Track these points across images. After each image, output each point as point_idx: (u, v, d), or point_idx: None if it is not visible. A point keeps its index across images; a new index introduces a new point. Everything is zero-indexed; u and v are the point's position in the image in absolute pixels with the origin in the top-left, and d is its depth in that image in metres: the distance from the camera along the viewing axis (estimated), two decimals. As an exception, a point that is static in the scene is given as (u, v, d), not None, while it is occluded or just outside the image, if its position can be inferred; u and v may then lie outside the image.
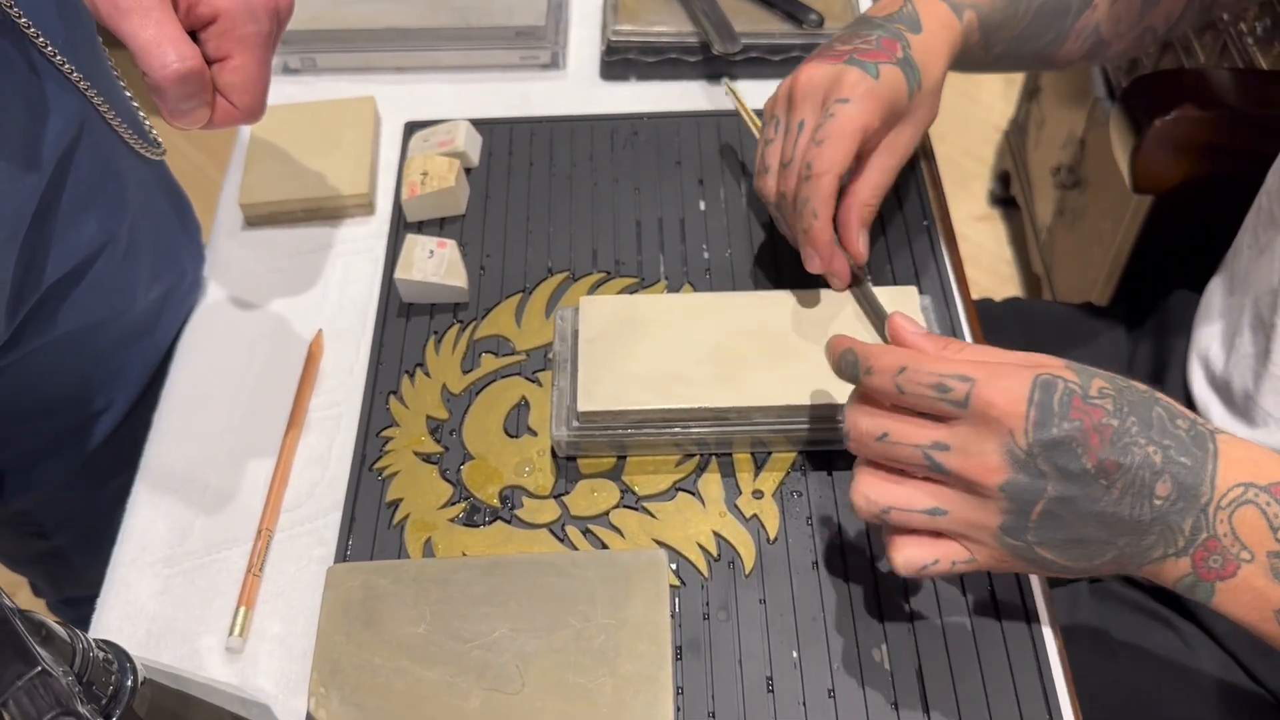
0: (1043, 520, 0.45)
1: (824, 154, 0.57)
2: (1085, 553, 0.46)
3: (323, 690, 0.51)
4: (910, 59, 0.60)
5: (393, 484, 0.60)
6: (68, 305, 0.60)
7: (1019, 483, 0.44)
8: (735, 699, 0.52)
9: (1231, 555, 0.44)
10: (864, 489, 0.48)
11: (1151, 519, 0.44)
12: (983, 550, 0.47)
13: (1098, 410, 0.44)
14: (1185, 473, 0.44)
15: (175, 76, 0.45)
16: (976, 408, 0.44)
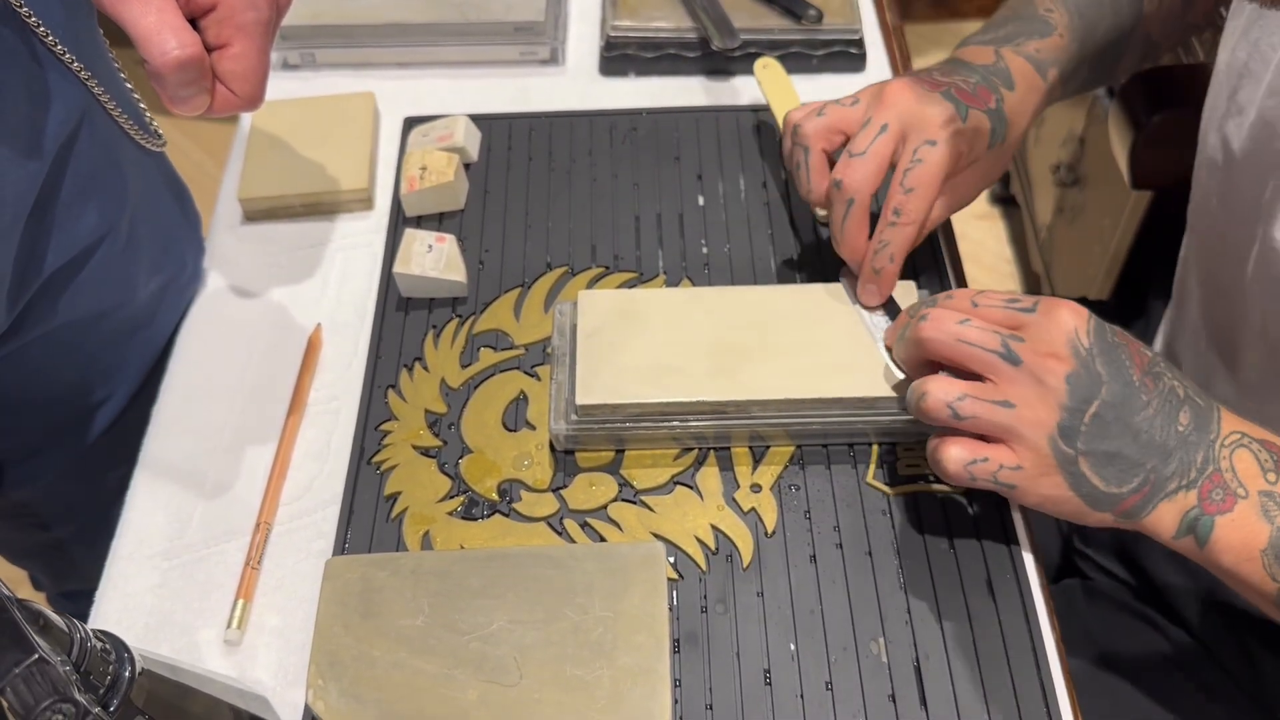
0: (1093, 424, 0.49)
1: (912, 204, 0.58)
2: (1119, 471, 0.49)
3: (321, 682, 0.51)
4: (1002, 112, 0.60)
5: (391, 477, 0.60)
6: (68, 295, 0.60)
7: (1081, 376, 0.49)
8: (733, 692, 0.53)
9: (1231, 490, 0.49)
10: (938, 384, 0.51)
11: (1175, 446, 0.49)
12: (1031, 456, 0.50)
13: (1138, 343, 0.51)
14: (1200, 409, 0.50)
15: (175, 63, 0.45)
16: (1044, 310, 0.50)
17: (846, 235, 0.60)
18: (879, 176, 0.58)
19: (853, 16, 0.80)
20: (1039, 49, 0.64)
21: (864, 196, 0.58)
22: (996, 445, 0.51)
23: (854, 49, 0.80)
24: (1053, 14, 0.65)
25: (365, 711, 0.50)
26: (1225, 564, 0.49)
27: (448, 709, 0.50)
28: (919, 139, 0.57)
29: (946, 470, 0.51)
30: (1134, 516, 0.50)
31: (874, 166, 0.58)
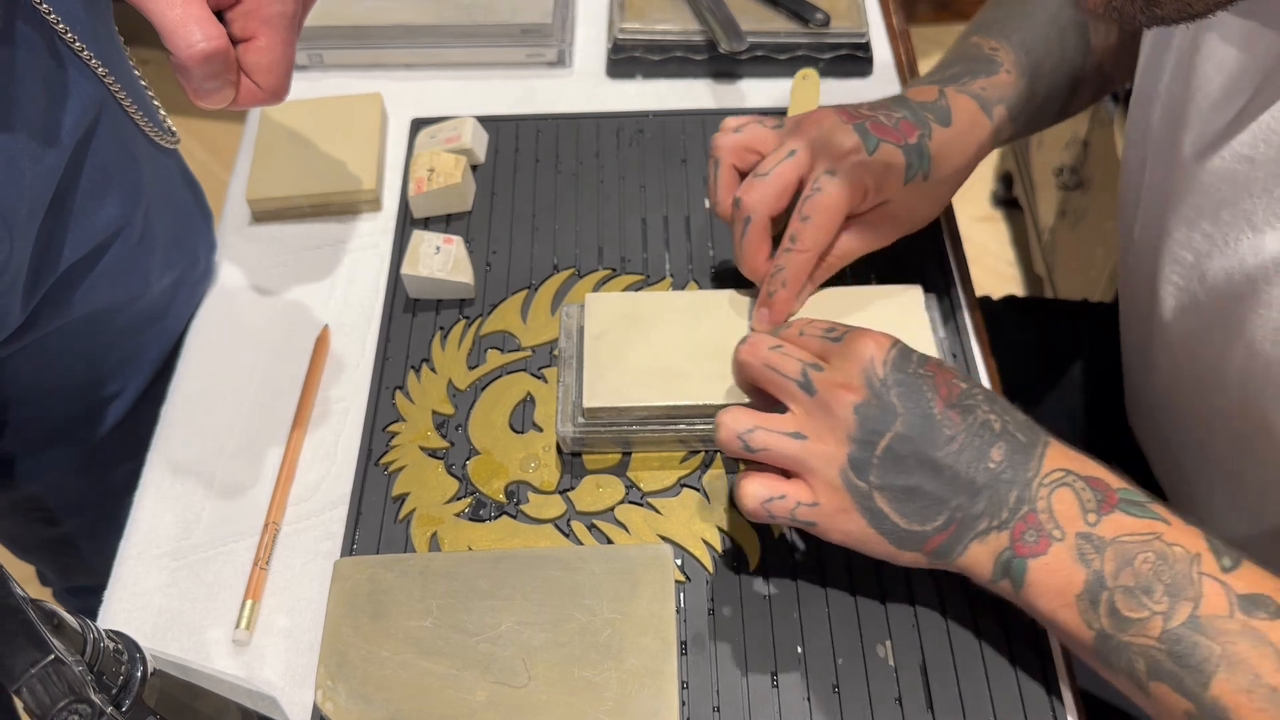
0: (885, 458, 0.48)
1: (807, 232, 0.58)
2: (920, 510, 0.48)
3: (330, 683, 0.51)
4: (923, 148, 0.59)
5: (399, 478, 0.61)
6: (83, 289, 0.60)
7: (871, 407, 0.48)
8: (740, 694, 0.53)
9: (1046, 531, 0.47)
10: (732, 416, 0.51)
11: (984, 483, 0.47)
12: (827, 492, 0.49)
13: (950, 373, 0.50)
14: (1018, 446, 0.48)
15: (201, 56, 0.45)
16: (847, 342, 0.50)
17: (743, 254, 0.60)
18: (779, 200, 0.58)
19: (859, 20, 0.81)
20: (984, 87, 0.63)
21: (760, 217, 0.58)
22: (796, 481, 0.50)
23: (861, 52, 0.81)
24: (998, 53, 0.64)
25: (374, 712, 0.50)
26: (1041, 609, 0.47)
27: (456, 710, 0.50)
28: (821, 168, 0.58)
29: (744, 508, 0.50)
30: (946, 557, 0.49)
31: (774, 189, 0.58)
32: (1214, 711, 0.43)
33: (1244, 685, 0.42)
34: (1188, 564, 0.45)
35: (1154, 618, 0.44)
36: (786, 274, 0.59)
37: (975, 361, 0.65)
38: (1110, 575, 0.45)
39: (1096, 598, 0.46)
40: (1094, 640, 0.46)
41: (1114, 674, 0.46)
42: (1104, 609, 0.45)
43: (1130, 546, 0.46)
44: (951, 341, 0.65)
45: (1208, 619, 0.44)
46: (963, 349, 0.65)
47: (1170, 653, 0.44)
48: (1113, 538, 0.46)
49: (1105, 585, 0.45)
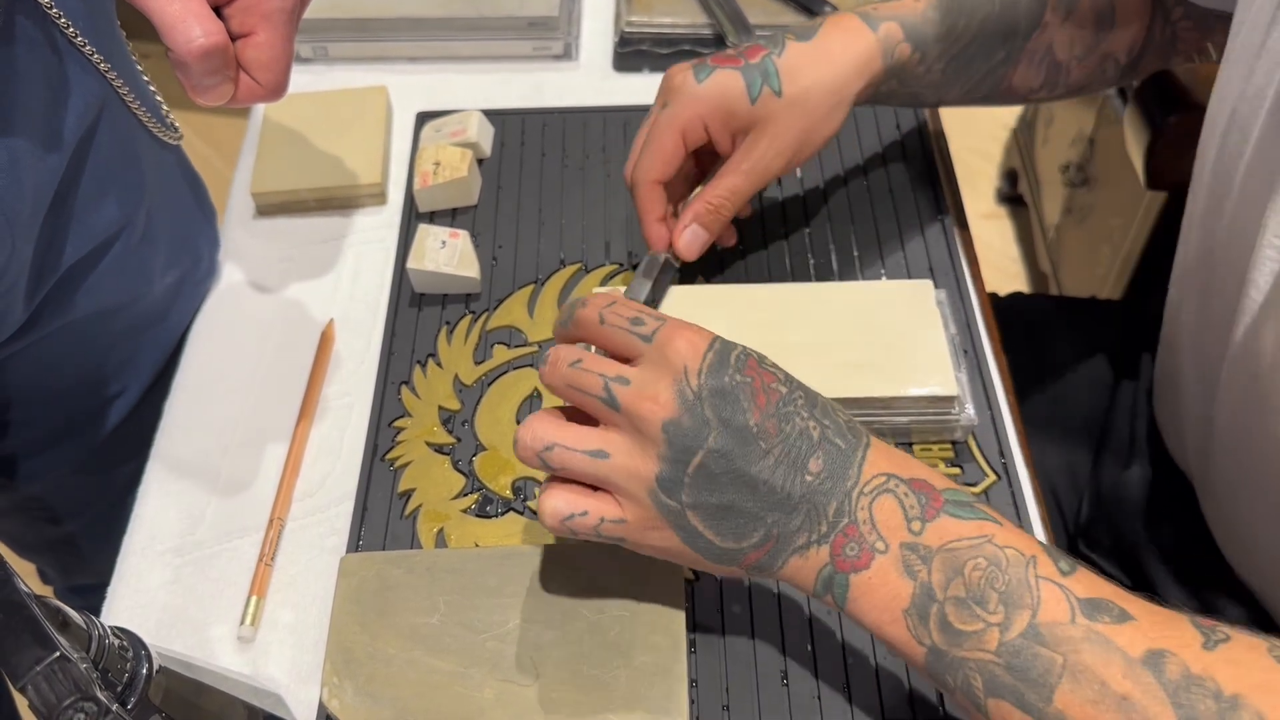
0: (698, 475, 0.44)
1: (641, 164, 0.60)
2: (735, 527, 0.45)
3: (336, 680, 0.50)
4: (768, 64, 0.58)
5: (405, 474, 0.60)
6: (85, 288, 0.60)
7: (682, 424, 0.44)
8: (750, 692, 0.52)
9: (868, 544, 0.44)
10: (534, 425, 0.46)
11: (801, 495, 0.44)
12: (635, 509, 0.45)
13: (770, 375, 0.46)
14: (837, 454, 0.44)
15: (200, 51, 0.44)
16: (659, 343, 0.45)
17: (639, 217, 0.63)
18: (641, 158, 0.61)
19: (868, 14, 0.80)
20: (877, 7, 0.62)
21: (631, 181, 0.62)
22: (601, 495, 0.46)
23: (869, 46, 0.80)
24: None
25: (380, 710, 0.50)
26: (869, 624, 0.44)
27: (463, 707, 0.49)
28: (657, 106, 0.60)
29: (544, 524, 0.46)
30: (765, 571, 0.46)
31: (635, 151, 0.61)
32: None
33: (1090, 696, 0.39)
34: (1023, 568, 0.41)
35: (989, 630, 0.41)
36: (638, 208, 0.61)
37: (986, 358, 0.64)
38: (939, 586, 0.42)
39: (925, 611, 0.42)
40: (926, 657, 0.43)
41: (948, 691, 0.43)
42: (934, 623, 0.42)
43: (960, 553, 0.42)
44: (963, 338, 0.64)
45: (1048, 627, 0.40)
46: (973, 345, 0.64)
47: (1009, 666, 0.40)
48: (940, 545, 0.43)
49: (934, 598, 0.42)
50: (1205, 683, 0.38)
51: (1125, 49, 0.68)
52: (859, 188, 0.72)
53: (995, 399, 0.62)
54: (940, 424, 0.59)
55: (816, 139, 0.61)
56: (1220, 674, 0.38)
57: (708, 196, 0.61)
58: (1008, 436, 0.61)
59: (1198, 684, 0.38)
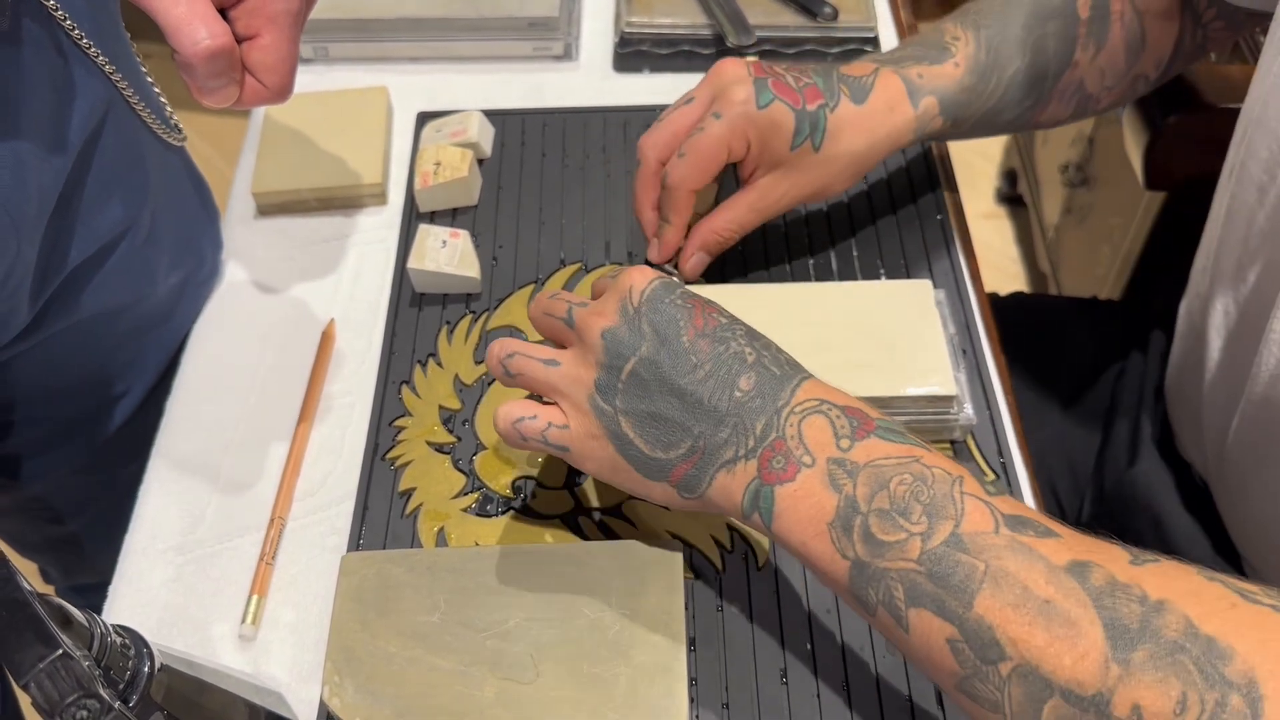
0: (630, 382, 0.47)
1: (681, 168, 0.60)
2: (662, 436, 0.47)
3: (337, 678, 0.51)
4: (821, 116, 0.59)
5: (405, 473, 0.60)
6: (90, 289, 0.60)
7: (619, 333, 0.48)
8: (749, 690, 0.52)
9: (795, 458, 0.44)
10: (499, 343, 0.52)
11: (728, 410, 0.46)
12: (577, 416, 0.49)
13: (713, 309, 0.49)
14: (770, 378, 0.47)
15: (205, 54, 0.45)
16: (620, 278, 0.50)
17: (635, 196, 0.63)
18: (670, 144, 0.61)
19: (868, 14, 0.80)
20: (922, 74, 0.62)
21: (648, 160, 0.61)
22: (551, 406, 0.50)
23: (869, 47, 0.80)
24: (957, 42, 0.63)
25: (381, 708, 0.50)
26: (793, 541, 0.44)
27: (464, 705, 0.50)
28: (710, 112, 0.59)
29: (497, 429, 0.51)
30: (694, 490, 0.47)
31: (666, 133, 0.61)
32: (978, 631, 0.39)
33: (1011, 600, 0.38)
34: (949, 485, 0.42)
35: (912, 539, 0.41)
36: (666, 210, 0.61)
37: (985, 357, 0.64)
38: (864, 499, 0.42)
39: (850, 523, 0.43)
40: (849, 571, 0.43)
41: (870, 610, 0.43)
42: (858, 534, 0.42)
43: (886, 469, 0.43)
44: (961, 337, 0.64)
45: (970, 535, 0.40)
46: (972, 344, 0.64)
47: (930, 574, 0.40)
48: (867, 461, 0.43)
49: (859, 510, 0.42)
50: (1131, 589, 0.38)
51: (1154, 65, 0.68)
52: (858, 188, 0.73)
53: (994, 398, 0.62)
54: (939, 423, 0.59)
55: (829, 193, 0.64)
56: (1147, 583, 0.38)
57: (717, 227, 0.62)
58: (1006, 435, 0.61)
59: (1123, 589, 0.38)
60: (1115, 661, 0.36)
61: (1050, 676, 0.37)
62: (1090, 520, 0.78)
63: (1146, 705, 0.35)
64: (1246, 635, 0.35)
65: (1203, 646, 0.35)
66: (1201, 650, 0.35)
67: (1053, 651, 0.37)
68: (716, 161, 0.60)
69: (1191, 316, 0.68)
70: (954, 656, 0.40)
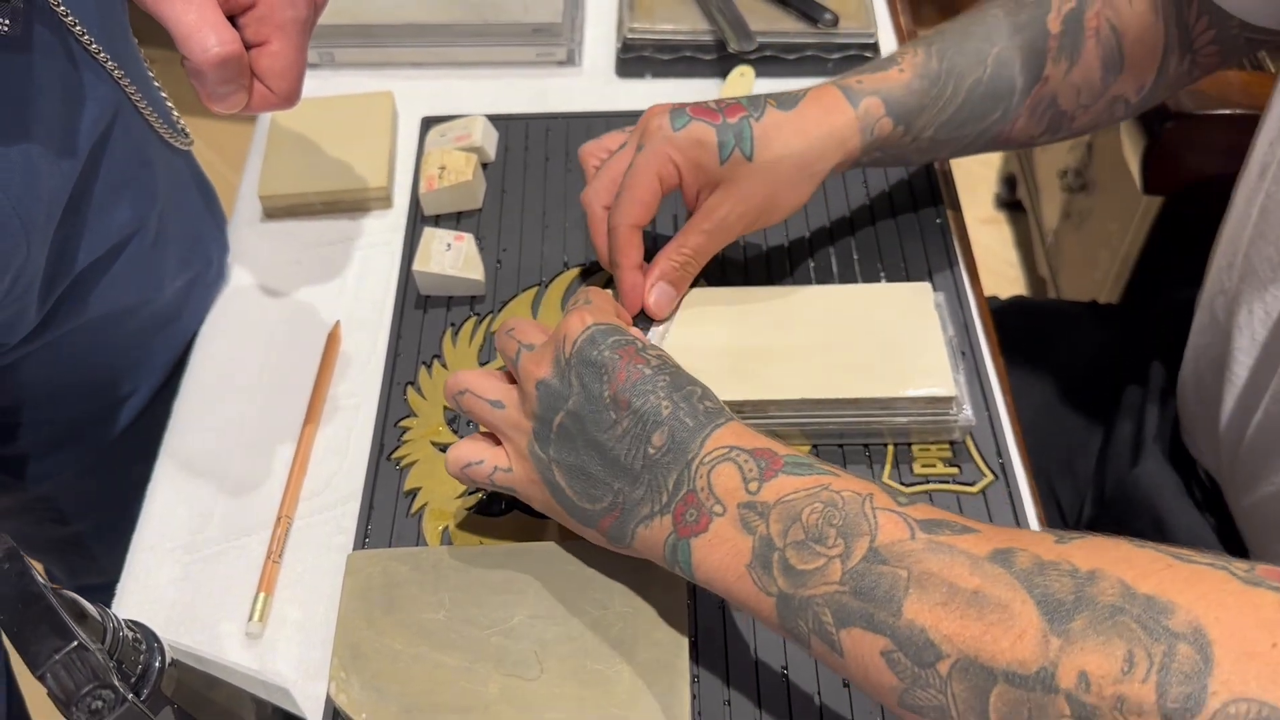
0: (560, 435, 0.49)
1: (619, 208, 0.60)
2: (588, 489, 0.49)
3: (343, 675, 0.51)
4: (744, 127, 0.59)
5: (411, 473, 0.61)
6: (98, 291, 0.61)
7: (550, 385, 0.50)
8: (751, 689, 0.53)
9: (706, 509, 0.45)
10: (461, 374, 0.54)
11: (642, 468, 0.47)
12: (519, 461, 0.51)
13: (641, 360, 0.49)
14: (683, 430, 0.47)
15: (215, 60, 0.45)
16: (562, 321, 0.51)
17: (594, 245, 0.63)
18: (610, 190, 0.61)
19: (868, 20, 0.81)
20: (861, 80, 0.62)
21: (593, 209, 0.62)
22: (499, 448, 0.52)
23: (869, 53, 0.81)
24: (903, 55, 0.63)
25: (387, 704, 0.50)
26: (718, 588, 0.45)
27: (469, 701, 0.50)
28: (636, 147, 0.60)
29: (448, 470, 0.53)
30: (620, 541, 0.49)
31: (603, 181, 0.61)
32: (910, 637, 0.38)
33: (939, 599, 0.38)
34: (859, 504, 0.42)
35: (831, 563, 0.41)
36: (614, 254, 0.61)
37: (984, 359, 0.65)
38: (778, 535, 0.43)
39: (768, 561, 0.43)
40: (775, 606, 0.43)
41: (803, 641, 0.42)
42: (777, 569, 0.43)
43: (797, 502, 0.43)
44: (960, 340, 0.65)
45: (888, 546, 0.40)
46: (971, 347, 0.65)
47: (855, 591, 0.40)
48: (777, 499, 0.44)
49: (774, 546, 0.43)
50: (1059, 565, 0.37)
51: (1135, 89, 0.66)
52: (858, 191, 0.73)
53: (993, 400, 0.63)
54: (938, 424, 0.60)
55: (782, 206, 0.61)
56: (1075, 557, 0.37)
57: (672, 255, 0.62)
58: (1005, 436, 0.62)
59: (1052, 566, 0.37)
60: (1054, 634, 0.35)
61: (990, 664, 0.37)
62: (1091, 521, 0.78)
63: (1092, 670, 0.34)
64: (1185, 590, 0.35)
65: (1142, 605, 0.35)
66: (1141, 608, 0.35)
67: (989, 638, 0.37)
68: (650, 191, 0.59)
69: (1214, 312, 0.68)
70: (891, 669, 0.39)
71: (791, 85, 0.79)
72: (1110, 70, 0.65)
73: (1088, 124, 0.68)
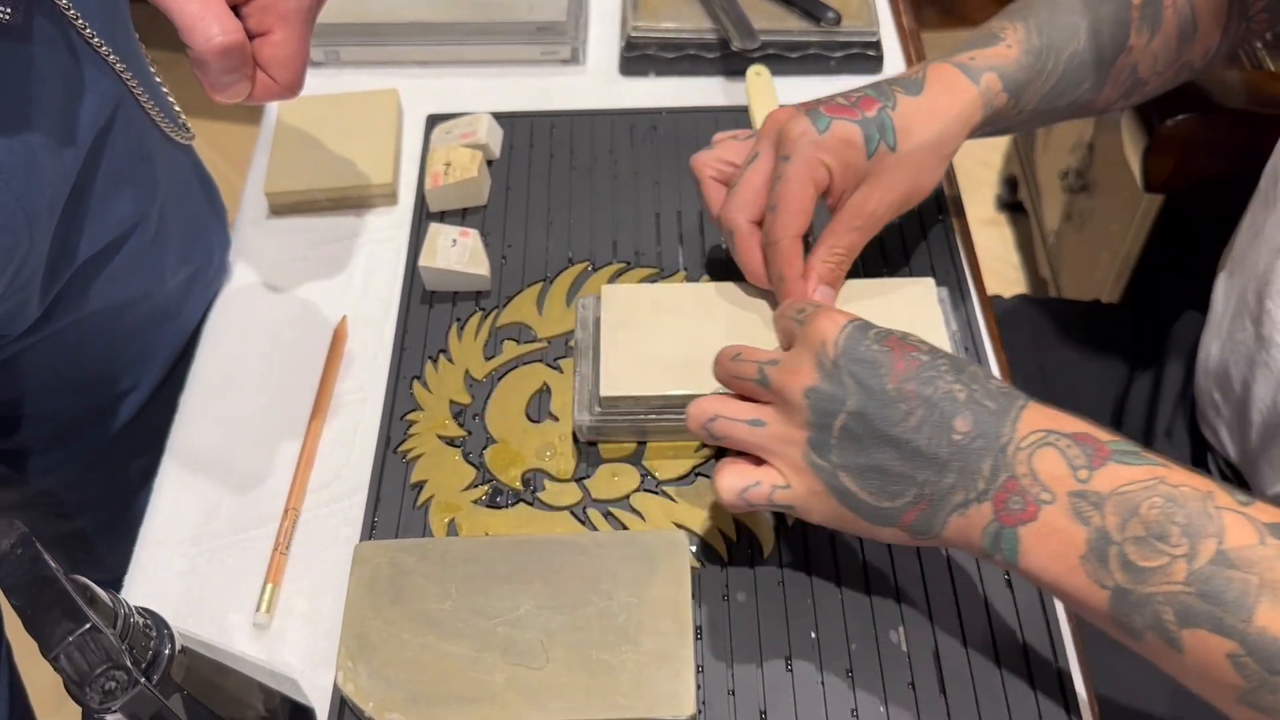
0: (843, 438, 0.47)
1: (778, 221, 0.59)
2: (886, 487, 0.47)
3: (350, 664, 0.51)
4: (884, 119, 0.59)
5: (417, 466, 0.61)
6: (99, 284, 0.61)
7: (822, 390, 0.48)
8: (754, 678, 0.53)
9: (1032, 496, 0.44)
10: (697, 405, 0.52)
11: (950, 455, 0.46)
12: (795, 475, 0.49)
13: (911, 348, 0.48)
14: (987, 414, 0.46)
15: (219, 49, 0.46)
16: (806, 323, 0.50)
17: (742, 265, 0.61)
18: (753, 205, 0.60)
19: (870, 19, 0.82)
20: (974, 57, 0.63)
21: (740, 227, 0.60)
22: (767, 467, 0.50)
23: (872, 51, 0.82)
24: (1005, 30, 0.64)
25: (394, 692, 0.51)
26: (1044, 578, 0.45)
27: (476, 690, 0.51)
28: (779, 158, 0.59)
29: (723, 500, 0.51)
30: (927, 533, 0.48)
31: (744, 196, 0.60)
32: (1261, 644, 0.39)
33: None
34: (1201, 502, 0.42)
35: (1175, 562, 0.41)
36: (776, 268, 0.60)
37: (987, 354, 0.65)
38: (1115, 528, 0.42)
39: (1104, 554, 0.43)
40: (1110, 600, 0.43)
41: (1136, 635, 0.43)
42: (1115, 564, 0.42)
43: (1133, 495, 0.43)
44: (963, 334, 0.66)
45: (1236, 551, 0.40)
46: (974, 342, 0.66)
47: (1201, 594, 0.40)
48: (1111, 490, 0.43)
49: (1112, 540, 0.43)
50: None
51: (1202, 53, 0.69)
52: (861, 189, 0.74)
53: (995, 394, 0.63)
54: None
55: (922, 190, 0.62)
56: None
57: (825, 257, 0.61)
58: (1007, 430, 0.62)
59: None
60: None
61: None
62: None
63: None
64: None
65: None
66: None
67: None
68: (809, 200, 0.59)
69: (1245, 300, 0.68)
70: (1237, 671, 0.40)
71: (793, 84, 0.81)
72: (1185, 39, 0.67)
73: (1157, 89, 0.70)
